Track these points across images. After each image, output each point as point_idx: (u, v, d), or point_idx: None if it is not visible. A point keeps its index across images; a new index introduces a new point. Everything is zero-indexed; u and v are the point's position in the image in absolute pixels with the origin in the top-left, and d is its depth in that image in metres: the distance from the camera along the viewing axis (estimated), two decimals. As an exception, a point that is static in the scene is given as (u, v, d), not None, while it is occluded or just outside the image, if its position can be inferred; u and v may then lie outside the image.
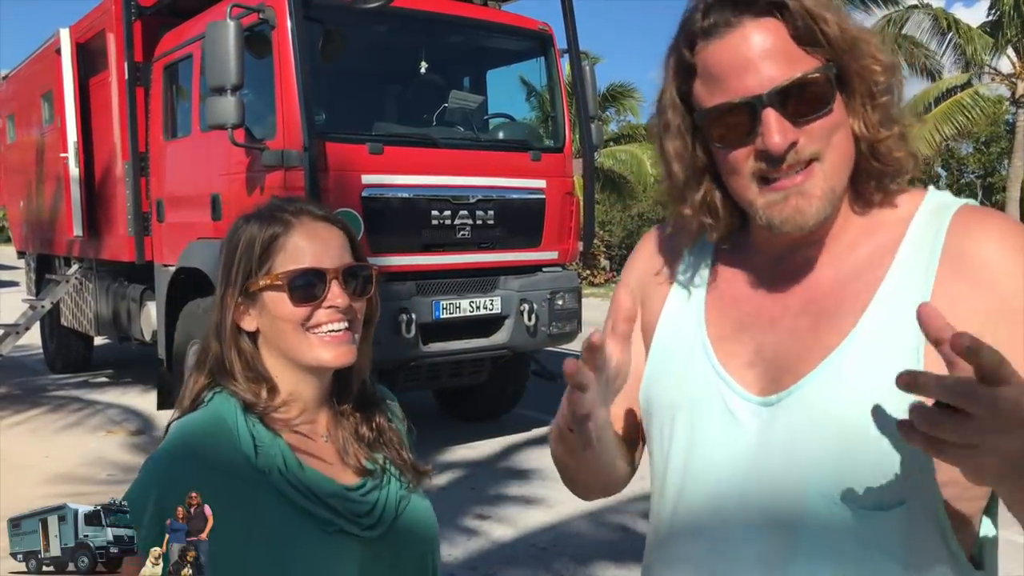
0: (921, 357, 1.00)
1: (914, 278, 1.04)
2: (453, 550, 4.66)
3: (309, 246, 1.30)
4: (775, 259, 1.15)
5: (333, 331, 1.30)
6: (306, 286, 1.28)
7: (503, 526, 5.10)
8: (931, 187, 1.14)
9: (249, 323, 1.32)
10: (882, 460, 1.01)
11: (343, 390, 1.40)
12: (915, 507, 1.02)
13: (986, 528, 1.10)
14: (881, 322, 1.04)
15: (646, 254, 1.32)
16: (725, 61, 1.04)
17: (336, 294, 1.29)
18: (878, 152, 1.08)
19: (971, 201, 1.11)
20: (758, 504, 1.07)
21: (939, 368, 0.93)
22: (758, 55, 1.02)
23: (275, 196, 1.36)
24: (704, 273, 1.22)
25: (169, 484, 1.17)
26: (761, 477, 1.07)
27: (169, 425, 1.32)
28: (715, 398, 1.13)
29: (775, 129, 1.01)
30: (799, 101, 1.02)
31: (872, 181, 1.10)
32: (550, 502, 5.33)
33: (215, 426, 1.26)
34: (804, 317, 1.10)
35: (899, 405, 0.97)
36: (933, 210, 1.09)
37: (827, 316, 1.08)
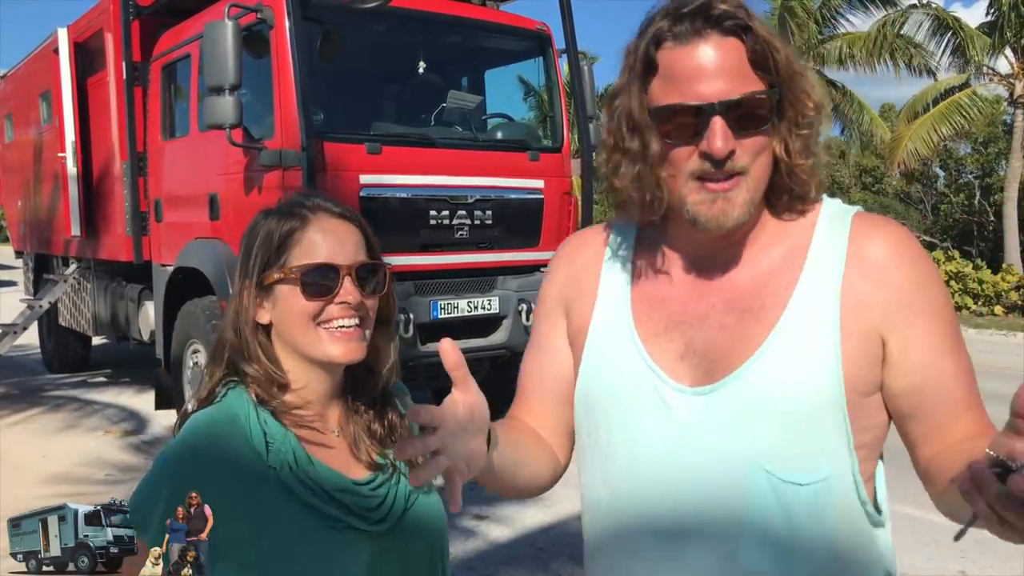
0: (839, 349, 1.16)
1: (826, 277, 1.19)
2: (451, 550, 4.65)
3: (324, 241, 1.32)
4: (695, 261, 1.27)
5: (343, 327, 1.31)
6: (319, 281, 1.30)
7: (501, 526, 5.10)
8: (824, 196, 1.28)
9: (263, 316, 1.34)
10: (812, 438, 1.16)
11: (358, 386, 1.41)
12: (840, 474, 1.18)
13: (880, 477, 1.25)
14: (802, 316, 1.18)
15: (564, 266, 1.42)
16: (687, 66, 1.15)
17: (348, 290, 1.30)
18: (794, 175, 1.21)
19: (860, 208, 1.27)
20: (698, 488, 1.18)
21: (854, 358, 1.15)
22: (716, 67, 1.14)
23: (297, 191, 1.38)
24: (627, 277, 1.33)
25: (181, 483, 1.18)
26: (699, 463, 1.18)
27: (182, 421, 1.32)
28: (649, 392, 1.23)
29: (719, 135, 1.13)
30: (743, 115, 1.14)
31: (784, 197, 1.24)
32: (548, 502, 5.33)
33: (228, 423, 1.27)
34: (730, 314, 1.22)
35: (823, 389, 1.15)
36: (832, 216, 1.25)
37: (751, 312, 1.21)
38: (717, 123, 1.12)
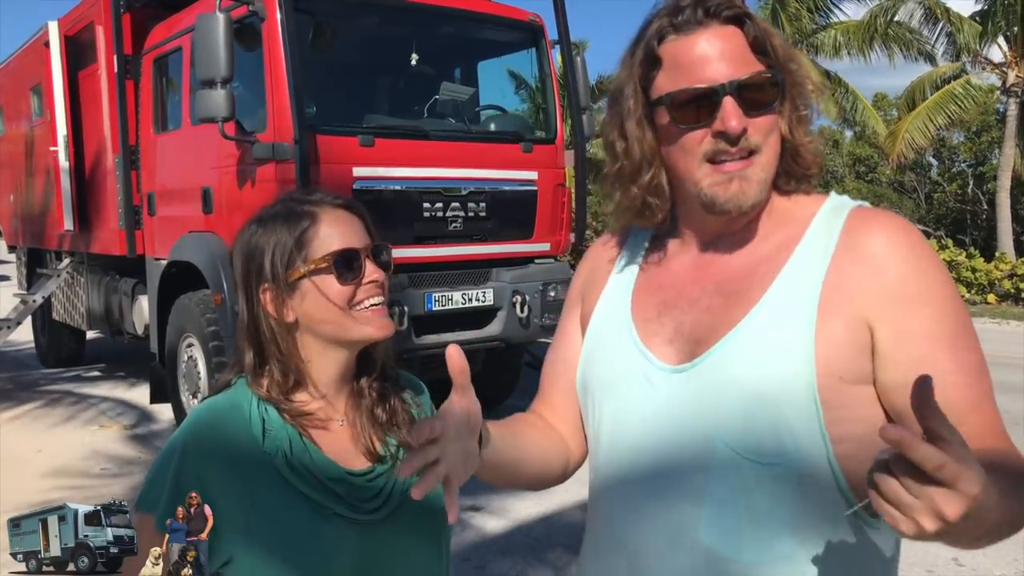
0: (813, 330, 1.15)
1: (811, 263, 1.20)
2: (447, 541, 4.66)
3: (337, 231, 1.38)
4: (699, 248, 1.31)
5: (374, 305, 1.38)
6: (348, 263, 1.36)
7: (496, 517, 5.12)
8: (832, 191, 1.30)
9: (289, 314, 1.37)
10: (776, 416, 1.15)
11: (365, 368, 1.46)
12: (809, 458, 1.15)
13: None
14: (780, 298, 1.19)
15: (590, 259, 1.49)
16: (692, 53, 1.20)
17: (371, 269, 1.38)
18: (800, 156, 1.25)
19: (865, 203, 1.27)
20: (670, 459, 1.21)
21: (832, 341, 1.13)
22: (720, 52, 1.19)
23: (286, 195, 1.44)
24: (636, 266, 1.39)
25: (183, 457, 1.26)
26: (672, 433, 1.21)
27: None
28: (636, 372, 1.28)
29: (732, 114, 1.17)
30: (753, 95, 1.19)
31: (792, 181, 1.27)
32: (542, 492, 5.35)
33: (230, 409, 1.34)
34: (718, 296, 1.25)
35: (789, 368, 1.14)
36: (832, 209, 1.26)
37: (737, 295, 1.23)
38: (728, 103, 1.17)
